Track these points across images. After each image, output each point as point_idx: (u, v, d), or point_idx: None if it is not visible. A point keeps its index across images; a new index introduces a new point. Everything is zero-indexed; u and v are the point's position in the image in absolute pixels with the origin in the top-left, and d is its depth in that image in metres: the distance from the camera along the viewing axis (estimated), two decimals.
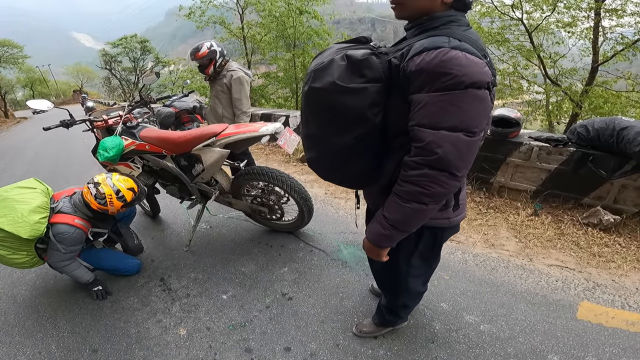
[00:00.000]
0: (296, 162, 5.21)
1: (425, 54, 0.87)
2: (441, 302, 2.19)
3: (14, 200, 2.04)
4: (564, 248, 2.70)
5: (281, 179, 2.57)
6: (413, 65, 0.89)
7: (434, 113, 0.88)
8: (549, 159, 3.13)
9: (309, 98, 1.06)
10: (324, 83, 0.96)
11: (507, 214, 3.20)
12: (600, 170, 2.85)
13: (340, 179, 1.19)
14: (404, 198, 1.00)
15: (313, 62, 1.06)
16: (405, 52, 0.93)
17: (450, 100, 0.86)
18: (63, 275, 2.55)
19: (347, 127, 1.00)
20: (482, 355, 1.83)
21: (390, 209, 1.05)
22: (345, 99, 0.95)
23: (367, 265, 2.55)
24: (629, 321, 2.01)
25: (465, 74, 0.85)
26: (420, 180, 0.94)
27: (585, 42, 10.53)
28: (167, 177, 2.80)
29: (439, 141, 0.89)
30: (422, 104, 0.89)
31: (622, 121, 2.74)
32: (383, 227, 1.09)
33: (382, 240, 1.13)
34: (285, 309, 2.19)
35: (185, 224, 3.31)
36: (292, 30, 12.58)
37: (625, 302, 2.16)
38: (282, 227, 3.01)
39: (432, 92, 0.87)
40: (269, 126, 2.38)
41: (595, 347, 1.85)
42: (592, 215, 2.90)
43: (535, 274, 2.42)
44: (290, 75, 13.63)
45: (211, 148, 2.44)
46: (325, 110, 1.02)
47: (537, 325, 1.99)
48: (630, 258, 2.55)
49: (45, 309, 2.33)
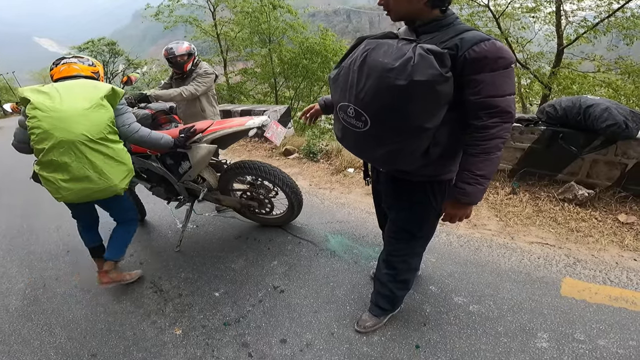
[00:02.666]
0: (279, 156, 5.22)
1: (482, 44, 1.10)
2: (430, 284, 2.24)
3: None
4: (543, 225, 2.81)
5: (272, 173, 2.59)
6: (475, 53, 1.11)
7: (500, 85, 1.14)
8: (522, 138, 3.25)
9: (407, 92, 1.11)
10: (428, 76, 1.07)
11: (487, 194, 3.30)
12: (571, 146, 2.97)
13: (404, 163, 1.32)
14: (492, 152, 1.21)
15: (372, 60, 1.15)
16: (458, 44, 1.13)
17: (507, 74, 1.15)
18: (52, 283, 2.53)
19: (440, 110, 1.17)
20: (473, 335, 1.87)
21: (481, 167, 1.24)
22: (444, 87, 1.11)
23: (355, 253, 2.60)
24: (612, 296, 2.06)
25: (510, 56, 1.15)
26: (501, 133, 1.19)
27: (549, 27, 10.89)
28: (152, 178, 2.76)
29: (509, 103, 1.17)
30: (488, 81, 1.13)
31: (587, 99, 2.87)
32: (480, 184, 1.26)
33: (481, 195, 1.31)
34: (278, 302, 2.21)
35: (171, 226, 3.28)
36: (267, 26, 12.45)
37: (607, 277, 2.23)
38: (271, 222, 3.03)
39: (494, 71, 1.12)
40: (256, 119, 2.40)
41: (582, 324, 1.88)
42: (566, 190, 3.03)
43: (518, 252, 2.50)
44: (267, 71, 13.50)
45: (198, 144, 2.42)
46: (424, 99, 1.13)
47: (523, 303, 2.05)
48: (607, 232, 2.65)
49: (38, 317, 2.29)
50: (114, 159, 1.89)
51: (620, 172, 2.94)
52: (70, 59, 2.09)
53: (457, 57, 1.12)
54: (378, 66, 1.13)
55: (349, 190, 3.80)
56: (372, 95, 1.16)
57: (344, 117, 1.29)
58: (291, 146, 5.31)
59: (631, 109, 2.79)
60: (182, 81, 3.30)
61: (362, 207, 3.35)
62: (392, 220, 1.70)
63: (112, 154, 1.88)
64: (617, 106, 2.74)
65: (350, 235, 2.87)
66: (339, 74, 1.28)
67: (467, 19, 11.12)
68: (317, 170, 4.55)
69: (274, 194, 2.80)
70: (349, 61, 1.24)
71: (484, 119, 1.18)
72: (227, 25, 13.99)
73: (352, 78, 1.21)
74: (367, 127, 1.22)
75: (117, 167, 1.91)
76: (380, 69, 1.12)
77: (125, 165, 1.96)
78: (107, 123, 1.84)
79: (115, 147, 1.89)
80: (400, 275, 1.80)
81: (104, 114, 1.83)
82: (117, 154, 1.90)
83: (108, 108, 1.86)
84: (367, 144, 1.30)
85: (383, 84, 1.12)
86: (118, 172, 1.91)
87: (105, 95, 1.85)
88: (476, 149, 1.22)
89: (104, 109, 1.84)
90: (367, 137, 1.25)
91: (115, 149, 1.89)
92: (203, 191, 2.69)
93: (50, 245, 3.11)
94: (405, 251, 1.73)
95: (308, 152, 4.94)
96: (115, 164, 1.90)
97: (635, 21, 9.42)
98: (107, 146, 1.85)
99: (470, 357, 1.76)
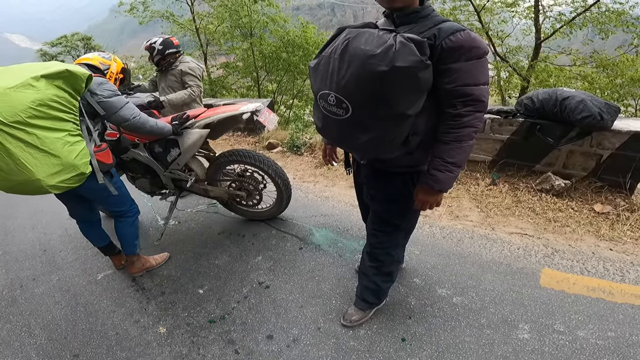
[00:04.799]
0: (262, 149, 5.17)
1: (458, 34, 1.15)
2: (414, 277, 2.27)
3: None
4: (522, 215, 2.88)
5: (266, 162, 2.58)
6: (451, 43, 1.15)
7: (474, 74, 1.19)
8: (501, 130, 3.31)
9: (389, 78, 1.11)
10: (410, 62, 1.09)
11: (468, 185, 3.37)
12: (548, 138, 3.05)
13: (385, 151, 1.34)
14: (464, 140, 1.26)
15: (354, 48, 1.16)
16: (436, 34, 1.17)
17: (481, 64, 1.21)
18: (30, 284, 2.46)
19: (420, 97, 1.20)
20: (457, 327, 1.90)
21: (453, 154, 1.28)
22: (425, 74, 1.14)
23: (339, 246, 2.61)
24: (590, 287, 2.12)
25: (484, 46, 1.20)
26: (474, 122, 1.24)
27: (527, 22, 11.11)
28: (136, 169, 2.68)
29: (482, 92, 1.22)
30: (463, 70, 1.17)
31: (563, 92, 2.94)
32: (451, 171, 1.30)
33: (452, 182, 1.35)
34: (264, 298, 2.20)
35: (152, 222, 3.21)
36: (247, 19, 12.26)
37: (584, 267, 2.29)
38: (257, 215, 3.00)
39: (469, 60, 1.17)
40: (249, 105, 2.42)
41: (561, 315, 1.93)
42: (544, 181, 3.11)
43: (498, 243, 2.56)
44: (249, 64, 13.32)
45: (190, 130, 2.38)
46: (405, 85, 1.14)
47: (505, 294, 2.09)
48: (584, 222, 2.74)
49: (17, 319, 2.22)
50: (37, 149, 1.59)
51: (595, 162, 3.03)
52: (94, 52, 2.15)
53: (434, 47, 1.16)
54: (359, 53, 1.13)
55: (333, 184, 3.81)
56: (354, 82, 1.16)
57: (325, 106, 1.29)
58: (274, 140, 5.26)
59: (606, 101, 2.88)
60: (164, 74, 3.34)
61: (346, 200, 3.36)
62: (374, 213, 1.72)
63: (36, 143, 1.58)
64: (592, 98, 2.82)
65: (334, 228, 2.88)
66: (319, 63, 1.28)
67: (450, 13, 11.22)
68: (300, 163, 4.54)
69: (263, 186, 2.78)
70: (330, 50, 1.24)
71: (458, 107, 1.23)
72: (206, 19, 13.70)
73: (333, 66, 1.21)
74: (348, 115, 1.23)
75: (43, 158, 1.61)
76: (362, 56, 1.13)
77: (58, 159, 1.65)
78: (30, 106, 1.53)
79: (41, 135, 1.59)
80: (384, 267, 1.81)
81: (28, 96, 1.53)
82: (44, 144, 1.60)
83: (41, 90, 1.57)
84: (348, 132, 1.30)
85: (365, 70, 1.13)
86: (43, 164, 1.62)
87: (46, 74, 1.58)
88: (448, 137, 1.27)
89: (32, 89, 1.55)
90: (348, 124, 1.26)
91: (41, 136, 1.59)
92: (190, 180, 2.64)
93: (26, 244, 3.00)
94: (389, 243, 1.75)
95: (292, 145, 4.91)
96: (39, 155, 1.60)
97: (609, 16, 9.69)
98: (28, 132, 1.55)
99: (455, 349, 1.78)
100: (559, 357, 1.71)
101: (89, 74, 1.72)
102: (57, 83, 1.62)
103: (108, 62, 2.20)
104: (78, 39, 26.80)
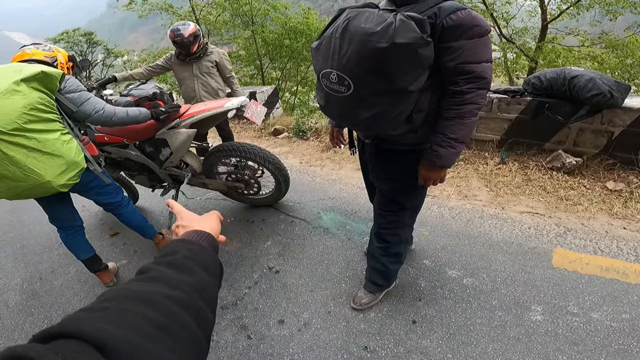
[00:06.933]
0: (268, 136, 5.17)
1: (459, 12, 1.16)
2: (423, 259, 2.26)
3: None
4: (533, 194, 2.84)
5: (253, 152, 2.55)
6: (451, 21, 1.16)
7: (476, 52, 1.20)
8: (508, 109, 3.26)
9: (389, 54, 1.13)
10: (409, 38, 1.10)
11: (477, 165, 3.33)
12: (557, 116, 3.00)
13: (387, 127, 1.35)
14: (466, 116, 1.27)
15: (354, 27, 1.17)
16: (437, 13, 1.17)
17: (483, 42, 1.21)
18: (49, 276, 2.50)
19: (421, 74, 1.21)
20: (468, 309, 1.88)
21: (456, 130, 1.29)
22: (425, 50, 1.15)
23: (348, 229, 2.61)
24: (603, 267, 2.07)
25: (486, 25, 1.21)
26: (475, 99, 1.25)
27: (532, 3, 10.89)
28: (132, 167, 2.69)
29: (484, 70, 1.23)
30: (464, 47, 1.18)
31: (571, 71, 2.89)
32: (453, 147, 1.32)
33: (454, 158, 1.36)
34: (274, 283, 2.21)
35: (162, 211, 3.23)
36: (248, 7, 12.12)
37: (597, 246, 2.24)
38: (261, 202, 3.01)
39: (470, 38, 1.18)
40: (234, 100, 2.37)
41: (575, 296, 1.89)
42: (554, 159, 3.07)
43: (509, 223, 2.52)
44: (252, 53, 13.21)
45: (176, 130, 2.37)
46: (405, 61, 1.15)
47: (516, 275, 2.06)
48: (596, 200, 2.68)
49: (38, 311, 2.26)
50: (41, 152, 1.61)
51: (607, 139, 2.97)
52: (28, 46, 1.97)
53: (435, 25, 1.18)
54: (360, 31, 1.15)
55: (340, 167, 3.79)
56: (354, 59, 1.18)
57: (327, 84, 1.31)
58: (280, 125, 5.26)
59: (616, 79, 2.82)
60: (187, 64, 3.38)
61: (353, 182, 3.35)
62: (380, 192, 1.72)
63: (38, 146, 1.59)
64: (601, 77, 2.77)
65: (342, 211, 2.87)
66: (321, 44, 1.30)
67: None
68: (307, 148, 4.53)
69: (260, 174, 2.78)
70: (331, 30, 1.26)
71: (460, 84, 1.24)
72: (205, 9, 13.56)
73: (334, 45, 1.23)
74: (350, 92, 1.24)
75: (48, 160, 1.64)
76: (362, 34, 1.15)
77: (62, 158, 1.68)
78: (23, 111, 1.53)
79: (41, 138, 1.60)
80: (392, 248, 1.81)
81: (17, 101, 1.52)
82: (46, 146, 1.62)
83: (26, 94, 1.56)
84: (350, 109, 1.31)
85: (365, 47, 1.15)
86: (50, 166, 1.65)
87: (23, 78, 1.56)
88: (451, 113, 1.28)
89: (18, 94, 1.54)
90: (350, 100, 1.27)
91: (41, 139, 1.60)
92: (187, 176, 2.66)
93: (42, 238, 3.04)
94: (395, 223, 1.74)
95: (297, 130, 4.91)
96: (44, 158, 1.62)
97: None
98: (28, 137, 1.56)
99: (467, 331, 1.77)
100: (573, 339, 1.68)
101: (62, 72, 1.68)
102: (34, 85, 1.60)
103: (53, 54, 2.01)
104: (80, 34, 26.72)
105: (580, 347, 1.64)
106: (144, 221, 2.42)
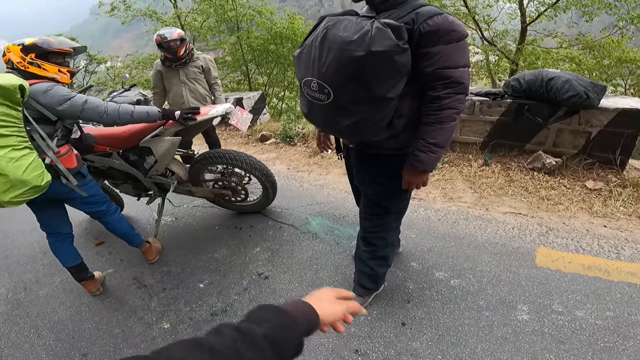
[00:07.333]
0: (255, 142, 5.16)
1: (435, 17, 1.17)
2: (411, 261, 2.28)
3: None
4: (515, 194, 2.91)
5: (239, 159, 2.55)
6: (428, 27, 1.17)
7: (453, 57, 1.22)
8: (490, 112, 3.34)
9: (366, 63, 1.14)
10: (386, 46, 1.12)
11: (461, 167, 3.39)
12: (537, 117, 3.08)
13: (369, 134, 1.36)
14: (445, 121, 1.29)
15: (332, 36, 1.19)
16: (414, 18, 1.19)
17: (461, 47, 1.22)
18: (33, 286, 2.46)
19: (399, 81, 1.22)
20: (456, 310, 1.90)
21: (435, 135, 1.31)
22: (402, 57, 1.16)
23: (336, 234, 2.63)
24: (585, 265, 2.11)
25: (463, 30, 1.22)
26: (453, 104, 1.27)
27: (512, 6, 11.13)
28: (117, 176, 2.65)
29: (462, 75, 1.24)
30: (441, 53, 1.20)
31: (548, 73, 2.98)
32: (434, 152, 1.34)
33: (436, 163, 1.39)
34: (264, 289, 2.21)
35: (149, 220, 3.20)
36: (234, 13, 12.09)
37: (579, 245, 2.29)
38: (248, 208, 3.00)
39: (448, 43, 1.19)
40: (219, 107, 2.35)
41: (559, 295, 1.92)
42: (535, 160, 3.15)
43: (493, 224, 2.57)
44: (238, 58, 13.17)
45: (161, 138, 2.36)
46: (382, 69, 1.17)
47: (502, 275, 2.10)
48: (576, 199, 2.75)
49: (24, 321, 2.23)
50: None
51: (585, 140, 3.06)
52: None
53: (413, 31, 1.19)
54: (338, 40, 1.17)
55: (327, 172, 3.82)
56: (333, 67, 1.20)
57: (308, 92, 1.33)
58: (267, 131, 5.26)
59: (592, 80, 2.91)
60: (174, 70, 3.38)
61: (340, 187, 3.37)
62: (365, 196, 1.74)
63: None
64: (577, 78, 2.85)
65: (330, 216, 2.89)
66: (302, 52, 1.33)
67: None
68: (294, 153, 4.54)
69: (247, 181, 2.78)
70: (311, 39, 1.29)
71: (438, 90, 1.26)
72: (190, 15, 13.47)
73: (314, 54, 1.25)
74: (330, 100, 1.26)
75: None
76: (340, 42, 1.17)
77: (4, 177, 1.57)
78: None
79: None
80: (378, 251, 1.83)
81: None
82: None
83: None
84: (331, 117, 1.34)
85: (343, 56, 1.17)
86: None
87: None
88: (430, 118, 1.30)
89: None
90: (331, 108, 1.29)
91: None
92: (173, 184, 2.64)
93: (26, 248, 2.99)
94: (381, 227, 1.77)
95: (284, 136, 4.91)
96: None
97: None
98: None
99: (455, 332, 1.79)
100: (559, 337, 1.70)
101: (19, 83, 1.55)
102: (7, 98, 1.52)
103: (5, 58, 1.81)
104: None
105: (566, 345, 1.66)
106: (130, 229, 2.41)
